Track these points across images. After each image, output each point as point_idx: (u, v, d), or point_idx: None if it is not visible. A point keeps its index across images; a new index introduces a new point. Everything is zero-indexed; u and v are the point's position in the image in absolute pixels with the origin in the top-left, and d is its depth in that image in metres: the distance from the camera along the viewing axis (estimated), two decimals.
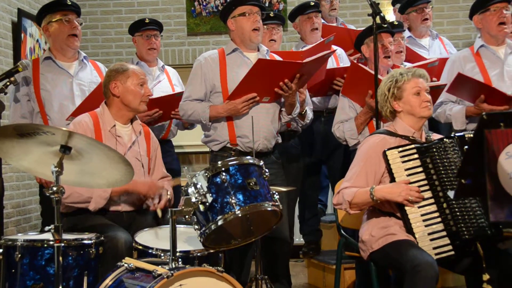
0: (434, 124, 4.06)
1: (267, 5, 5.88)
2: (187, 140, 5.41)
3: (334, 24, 4.79)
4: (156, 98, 3.84)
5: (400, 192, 2.71)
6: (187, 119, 3.65)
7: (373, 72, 3.51)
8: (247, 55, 3.55)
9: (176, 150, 4.54)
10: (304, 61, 3.44)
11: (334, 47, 4.45)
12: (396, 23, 4.14)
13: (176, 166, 4.27)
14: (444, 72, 3.89)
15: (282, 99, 3.58)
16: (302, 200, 4.52)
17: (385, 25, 3.56)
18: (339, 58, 4.41)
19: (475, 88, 3.58)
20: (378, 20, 3.45)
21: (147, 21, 4.31)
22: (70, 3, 3.66)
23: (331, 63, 4.30)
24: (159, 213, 3.05)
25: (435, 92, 3.65)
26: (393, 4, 5.14)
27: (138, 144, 3.23)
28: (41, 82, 3.63)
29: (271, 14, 4.30)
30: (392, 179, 2.80)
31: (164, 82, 4.27)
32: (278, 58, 3.70)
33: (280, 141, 3.73)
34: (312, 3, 4.38)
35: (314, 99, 4.29)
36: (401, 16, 4.72)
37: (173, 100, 3.90)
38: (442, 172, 2.78)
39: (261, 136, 3.48)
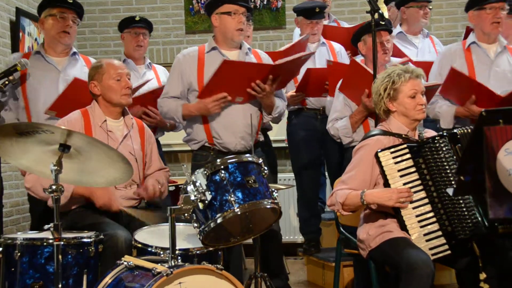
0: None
1: (265, 2, 5.88)
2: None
3: (326, 22, 4.79)
4: (140, 95, 3.82)
5: (390, 196, 2.69)
6: (164, 116, 3.65)
7: (371, 71, 3.51)
8: (227, 54, 3.50)
9: (164, 149, 4.54)
10: (275, 63, 3.40)
11: (334, 43, 4.45)
12: (383, 22, 4.13)
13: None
14: (434, 65, 3.87)
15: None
16: (302, 199, 4.52)
17: (383, 23, 3.55)
18: (338, 55, 4.41)
19: (467, 86, 3.56)
20: (376, 17, 3.45)
21: (137, 18, 4.31)
22: (71, 1, 3.65)
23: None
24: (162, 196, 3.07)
25: (429, 91, 3.66)
26: (386, 3, 5.12)
27: (130, 138, 3.23)
28: (28, 77, 3.61)
29: None
30: (385, 181, 2.79)
31: (152, 80, 4.23)
32: (264, 56, 3.66)
33: (262, 139, 3.71)
34: (318, 10, 4.35)
35: (311, 98, 4.29)
36: (396, 9, 4.69)
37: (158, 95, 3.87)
38: (435, 171, 2.77)
39: (238, 136, 3.47)
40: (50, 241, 2.65)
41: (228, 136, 3.46)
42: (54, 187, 2.41)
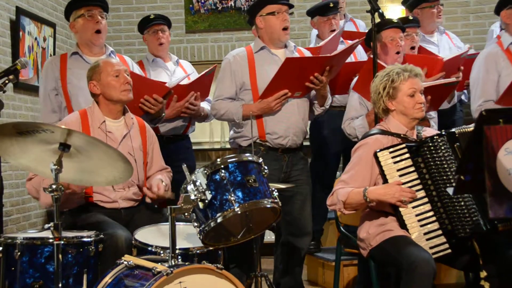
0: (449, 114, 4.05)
1: None
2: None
3: (342, 21, 4.79)
4: (187, 84, 3.84)
5: (394, 194, 2.71)
6: (219, 118, 3.68)
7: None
8: (275, 52, 3.59)
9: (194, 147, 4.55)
10: (332, 54, 3.48)
11: (351, 42, 4.44)
12: (411, 18, 4.13)
13: (192, 162, 4.26)
14: (476, 69, 3.84)
15: (313, 92, 3.61)
16: (313, 198, 4.49)
17: (395, 20, 3.54)
18: (357, 54, 4.41)
19: None
20: (376, 16, 3.45)
21: (152, 17, 4.31)
22: None
23: (348, 59, 4.30)
24: (168, 195, 3.07)
25: (447, 88, 3.65)
26: (404, 3, 5.11)
27: (130, 138, 3.22)
28: (68, 77, 3.64)
29: None
30: (385, 181, 2.79)
31: (180, 75, 4.21)
32: (306, 53, 3.72)
33: (307, 136, 3.76)
34: (332, 5, 4.36)
35: (336, 95, 4.26)
36: (410, 11, 4.69)
37: (204, 81, 3.89)
38: (434, 170, 2.78)
39: (290, 132, 3.52)
40: (50, 240, 2.66)
41: (283, 132, 3.51)
42: (54, 186, 2.41)
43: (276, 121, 3.52)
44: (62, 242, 2.52)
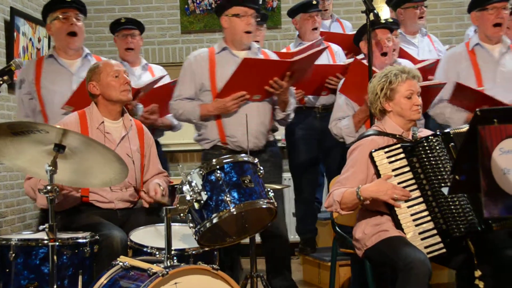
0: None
1: (260, 2, 5.88)
2: (174, 139, 5.40)
3: (329, 21, 4.79)
4: (139, 88, 3.78)
5: (386, 191, 2.71)
6: (178, 118, 3.66)
7: (377, 71, 3.52)
8: (237, 54, 3.55)
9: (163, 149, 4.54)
10: (293, 59, 3.43)
11: (332, 44, 4.45)
12: (391, 20, 4.14)
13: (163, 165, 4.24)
14: (439, 69, 3.86)
15: (275, 97, 3.57)
16: (299, 199, 4.52)
17: (384, 21, 3.55)
18: (336, 55, 4.41)
19: (474, 97, 3.54)
20: (371, 17, 3.45)
21: (122, 20, 4.30)
22: (69, 0, 3.66)
23: (326, 60, 4.30)
24: (163, 200, 3.04)
25: (432, 90, 3.66)
26: (388, 4, 5.13)
27: (128, 140, 3.22)
28: (42, 82, 3.64)
29: None
30: None
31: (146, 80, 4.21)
32: (273, 55, 3.69)
33: (272, 138, 3.72)
34: (315, 2, 4.38)
35: (310, 96, 4.28)
36: (394, 11, 4.70)
37: (167, 90, 3.84)
38: (429, 170, 2.78)
39: (250, 135, 3.46)
40: (45, 241, 2.64)
41: (242, 135, 3.47)
42: (49, 187, 2.40)
43: (236, 124, 3.48)
44: (57, 243, 2.52)
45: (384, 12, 5.55)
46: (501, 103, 3.46)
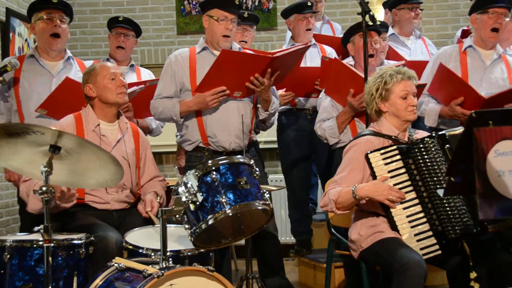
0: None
1: (256, 4, 5.88)
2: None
3: (320, 23, 4.80)
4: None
5: (382, 192, 2.72)
6: (158, 117, 3.61)
7: (358, 72, 3.52)
8: (217, 53, 3.48)
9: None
10: (274, 55, 3.38)
11: (325, 46, 4.46)
12: (379, 22, 4.14)
13: None
14: (428, 66, 3.87)
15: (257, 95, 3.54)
16: (292, 200, 4.52)
17: (372, 23, 3.55)
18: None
19: (453, 83, 3.56)
20: (367, 18, 3.46)
21: (120, 18, 4.29)
22: (55, 1, 3.63)
23: (319, 63, 4.30)
24: (155, 220, 3.02)
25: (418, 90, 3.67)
26: (385, 6, 5.14)
27: (124, 142, 3.22)
28: (21, 81, 3.61)
29: (245, 15, 4.29)
30: None
31: (130, 81, 4.18)
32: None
33: (255, 138, 3.72)
34: (309, 3, 4.39)
35: (301, 98, 4.29)
36: (389, 12, 4.72)
37: (148, 91, 3.77)
38: (425, 172, 2.79)
39: (232, 134, 3.46)
40: (40, 243, 2.64)
41: (223, 135, 3.46)
42: (44, 188, 2.40)
43: (216, 124, 3.46)
44: (52, 244, 2.51)
45: (380, 14, 5.57)
46: (478, 95, 3.48)
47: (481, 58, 3.75)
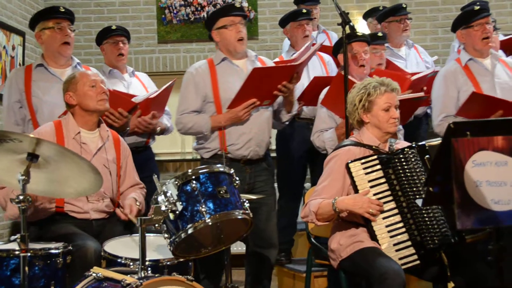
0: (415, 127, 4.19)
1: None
2: (161, 147, 5.39)
3: (315, 32, 4.82)
4: (151, 98, 3.78)
5: (362, 205, 2.73)
6: (186, 132, 3.63)
7: (355, 81, 3.55)
8: (237, 63, 3.59)
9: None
10: (298, 62, 3.52)
11: (323, 54, 4.48)
12: (381, 34, 4.19)
13: (156, 173, 4.20)
14: (435, 86, 3.90)
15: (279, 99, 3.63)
16: (283, 209, 4.49)
17: (360, 34, 3.59)
18: (328, 65, 4.44)
19: (490, 104, 3.60)
20: (347, 29, 3.49)
21: (113, 27, 4.28)
22: (63, 10, 3.65)
23: (320, 71, 4.34)
24: (134, 221, 3.00)
25: (416, 103, 3.71)
26: (365, 18, 5.18)
27: (105, 150, 3.19)
28: (33, 89, 3.60)
29: None
30: (356, 192, 2.82)
31: (137, 87, 4.19)
32: (268, 62, 3.75)
33: (273, 147, 3.76)
34: (304, 11, 4.43)
35: (304, 107, 4.28)
36: (379, 24, 4.76)
37: (164, 95, 3.83)
38: (405, 182, 2.81)
39: (252, 143, 3.52)
40: (17, 252, 2.60)
41: (244, 143, 3.50)
42: (21, 197, 2.37)
43: (238, 133, 3.51)
44: (29, 254, 2.47)
45: (360, 25, 5.62)
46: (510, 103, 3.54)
47: (484, 67, 3.82)
